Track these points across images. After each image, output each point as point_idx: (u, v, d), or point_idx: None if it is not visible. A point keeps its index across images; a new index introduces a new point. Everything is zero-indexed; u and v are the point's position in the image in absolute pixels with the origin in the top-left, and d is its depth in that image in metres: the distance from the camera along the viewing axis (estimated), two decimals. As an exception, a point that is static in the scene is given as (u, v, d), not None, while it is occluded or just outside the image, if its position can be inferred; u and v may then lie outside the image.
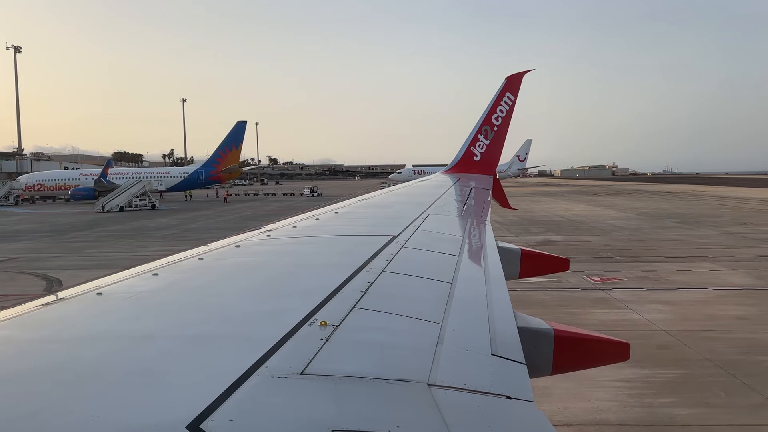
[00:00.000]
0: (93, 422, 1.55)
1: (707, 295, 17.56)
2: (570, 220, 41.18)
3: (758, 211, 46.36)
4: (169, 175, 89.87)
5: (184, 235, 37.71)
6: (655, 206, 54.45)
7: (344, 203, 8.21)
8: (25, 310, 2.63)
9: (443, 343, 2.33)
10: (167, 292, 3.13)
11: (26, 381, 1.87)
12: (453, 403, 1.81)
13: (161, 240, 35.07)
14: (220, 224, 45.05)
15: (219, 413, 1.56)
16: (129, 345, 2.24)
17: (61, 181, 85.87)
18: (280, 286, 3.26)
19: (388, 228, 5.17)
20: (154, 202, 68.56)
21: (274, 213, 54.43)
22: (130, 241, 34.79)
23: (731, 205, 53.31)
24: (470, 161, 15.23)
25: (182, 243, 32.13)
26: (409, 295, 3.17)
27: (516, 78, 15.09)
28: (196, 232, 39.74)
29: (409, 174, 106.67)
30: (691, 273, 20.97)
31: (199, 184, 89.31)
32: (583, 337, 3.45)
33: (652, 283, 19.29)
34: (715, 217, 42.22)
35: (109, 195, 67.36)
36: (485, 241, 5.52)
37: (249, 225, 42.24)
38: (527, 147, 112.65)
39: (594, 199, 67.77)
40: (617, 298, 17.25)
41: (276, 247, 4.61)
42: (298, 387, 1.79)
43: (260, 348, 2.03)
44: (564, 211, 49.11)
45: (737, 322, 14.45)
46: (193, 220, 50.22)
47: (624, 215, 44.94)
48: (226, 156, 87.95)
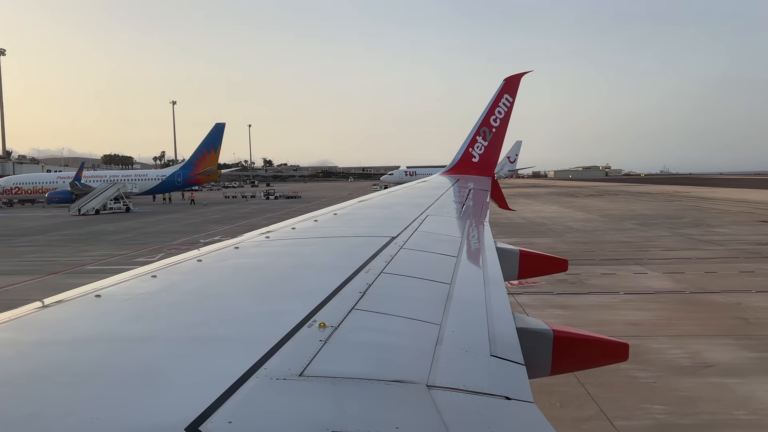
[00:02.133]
0: (92, 424, 1.55)
1: (614, 299, 17.15)
2: (532, 222, 40.73)
3: (725, 212, 46.08)
4: (147, 178, 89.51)
5: (135, 239, 37.82)
6: (626, 208, 54.26)
7: (342, 204, 8.21)
8: (24, 313, 2.63)
9: (442, 344, 2.33)
10: (166, 294, 3.13)
11: (25, 383, 1.87)
12: (452, 404, 1.81)
13: (108, 244, 34.92)
14: (180, 228, 44.71)
15: (218, 415, 1.56)
16: (128, 347, 2.23)
17: (38, 184, 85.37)
18: (279, 288, 3.26)
19: (387, 229, 5.17)
20: (129, 204, 69.13)
21: (244, 216, 54.59)
22: (76, 246, 34.64)
23: (703, 206, 53.17)
24: (469, 162, 15.25)
25: (124, 247, 32.59)
26: (407, 296, 3.17)
27: (514, 79, 15.11)
28: (150, 236, 39.74)
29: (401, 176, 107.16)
30: (614, 276, 20.51)
31: (177, 186, 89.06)
32: (582, 338, 3.45)
33: (567, 286, 18.66)
34: (678, 218, 41.93)
35: (84, 198, 67.75)
36: (484, 242, 5.53)
37: (210, 228, 42.68)
38: (517, 148, 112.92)
39: (570, 201, 67.46)
40: (521, 302, 16.61)
41: (275, 249, 4.61)
42: (297, 388, 1.79)
43: (259, 349, 2.03)
44: (533, 213, 48.62)
45: (626, 328, 13.94)
46: (156, 224, 49.83)
47: (588, 217, 44.64)
48: (205, 158, 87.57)
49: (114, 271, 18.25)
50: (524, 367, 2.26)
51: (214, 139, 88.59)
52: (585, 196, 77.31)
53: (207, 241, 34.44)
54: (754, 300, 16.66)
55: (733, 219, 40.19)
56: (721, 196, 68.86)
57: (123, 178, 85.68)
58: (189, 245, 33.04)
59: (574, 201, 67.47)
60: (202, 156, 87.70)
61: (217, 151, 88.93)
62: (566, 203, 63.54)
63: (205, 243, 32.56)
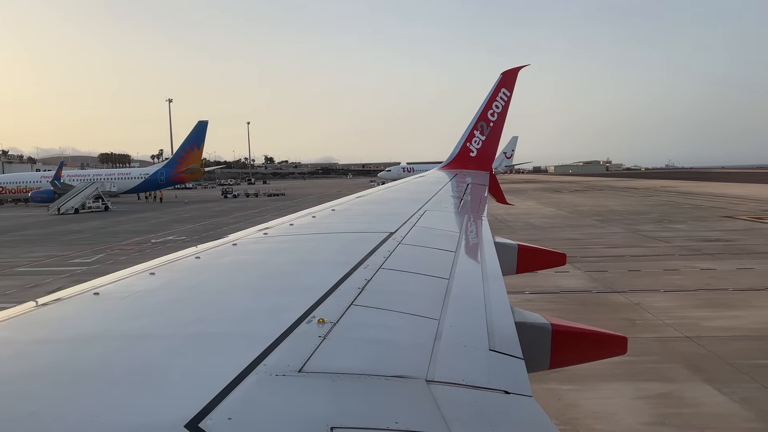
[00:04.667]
0: (92, 422, 1.55)
1: (514, 299, 16.86)
2: (495, 219, 40.13)
3: (696, 207, 45.97)
4: (130, 177, 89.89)
5: (90, 239, 38.14)
6: (600, 203, 54.29)
7: (339, 201, 8.20)
8: (22, 311, 2.62)
9: (441, 339, 2.33)
10: (164, 291, 3.13)
11: (23, 381, 1.86)
12: (451, 399, 1.81)
13: (59, 245, 34.93)
14: (144, 227, 44.85)
15: (217, 412, 1.56)
16: (126, 344, 2.23)
17: (22, 183, 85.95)
18: (278, 284, 3.26)
19: (385, 225, 5.17)
20: (107, 204, 70.06)
21: (218, 215, 54.94)
22: (25, 247, 34.77)
23: (678, 201, 53.28)
24: (466, 157, 15.24)
25: (71, 248, 32.64)
26: (406, 291, 3.17)
27: (511, 73, 15.09)
28: (106, 236, 40.07)
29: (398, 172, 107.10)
30: (532, 276, 19.56)
31: (160, 185, 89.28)
32: (581, 332, 3.46)
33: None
34: (644, 214, 41.83)
35: (63, 197, 68.44)
36: (482, 236, 5.53)
37: (173, 228, 42.89)
38: (514, 144, 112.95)
39: (550, 197, 67.47)
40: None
41: (273, 245, 4.60)
42: (296, 384, 1.79)
43: (258, 346, 2.03)
44: (503, 209, 48.66)
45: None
46: (122, 223, 49.99)
47: (556, 213, 44.55)
48: (188, 156, 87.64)
49: (45, 273, 18.11)
50: (523, 361, 2.26)
51: (197, 137, 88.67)
52: (570, 192, 77.43)
53: (158, 241, 34.87)
54: (656, 300, 16.53)
55: (699, 214, 40.00)
56: (705, 191, 68.85)
57: (106, 177, 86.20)
58: (138, 245, 33.34)
59: (555, 197, 67.56)
60: (186, 154, 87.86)
61: (201, 148, 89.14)
62: (545, 199, 63.67)
63: (154, 243, 33.14)
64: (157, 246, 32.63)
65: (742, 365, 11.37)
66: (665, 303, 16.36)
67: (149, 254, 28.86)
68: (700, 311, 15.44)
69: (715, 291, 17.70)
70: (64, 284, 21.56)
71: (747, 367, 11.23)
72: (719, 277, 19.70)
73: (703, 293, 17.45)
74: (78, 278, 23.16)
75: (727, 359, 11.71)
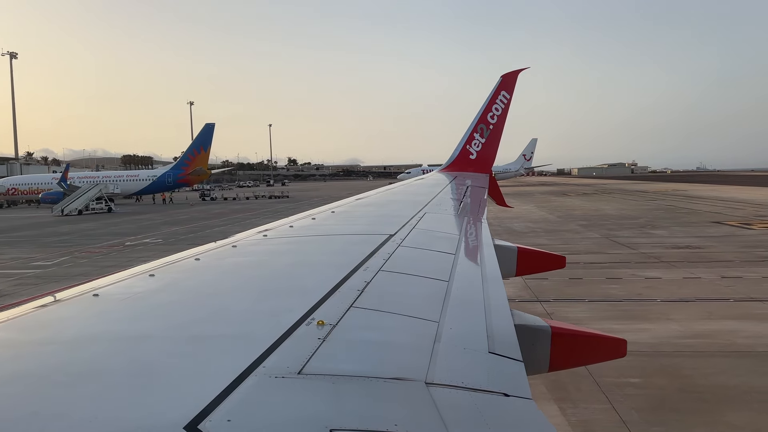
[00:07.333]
0: (91, 423, 1.54)
1: None
2: None
3: (691, 212, 45.35)
4: (138, 179, 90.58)
5: (70, 241, 37.89)
6: (596, 207, 53.76)
7: (339, 203, 8.19)
8: (21, 312, 2.62)
9: (440, 342, 2.33)
10: (164, 293, 3.13)
11: (23, 382, 1.86)
12: (451, 401, 1.81)
13: (36, 247, 34.67)
14: (131, 230, 44.49)
15: (217, 414, 1.56)
16: (126, 346, 2.23)
17: (34, 185, 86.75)
18: (277, 286, 3.26)
19: (385, 227, 5.17)
20: (111, 205, 71.03)
21: (214, 217, 55.15)
22: (4, 248, 34.65)
23: (677, 206, 52.67)
24: (466, 160, 15.26)
25: (45, 251, 32.48)
26: (406, 293, 3.17)
27: (511, 76, 15.12)
28: (88, 237, 39.88)
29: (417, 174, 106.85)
30: None
31: (168, 186, 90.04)
32: (580, 334, 3.46)
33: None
34: (634, 218, 41.16)
35: (67, 199, 69.37)
36: (482, 239, 5.53)
37: (160, 230, 42.81)
38: (533, 146, 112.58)
39: (552, 200, 66.87)
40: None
41: (272, 247, 4.60)
42: (295, 386, 1.79)
43: (258, 348, 2.03)
44: (491, 213, 47.82)
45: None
46: (112, 225, 49.84)
47: (544, 218, 44.09)
48: (195, 159, 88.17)
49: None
50: (522, 363, 2.26)
51: (204, 139, 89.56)
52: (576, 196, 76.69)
53: (132, 244, 34.79)
54: (572, 311, 15.88)
55: (688, 220, 39.25)
56: (714, 195, 68.24)
57: (114, 178, 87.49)
58: (108, 248, 33.18)
59: (556, 201, 67.00)
60: (193, 156, 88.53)
61: (207, 151, 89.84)
62: (545, 203, 63.15)
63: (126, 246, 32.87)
64: (126, 249, 32.26)
65: (606, 383, 10.43)
66: (579, 314, 15.59)
67: (113, 258, 28.64)
68: (608, 323, 14.53)
69: (642, 302, 16.77)
70: (2, 288, 21.51)
71: (609, 386, 10.34)
72: (657, 287, 18.52)
73: (627, 304, 16.65)
74: (23, 281, 23.02)
75: (597, 376, 10.69)
